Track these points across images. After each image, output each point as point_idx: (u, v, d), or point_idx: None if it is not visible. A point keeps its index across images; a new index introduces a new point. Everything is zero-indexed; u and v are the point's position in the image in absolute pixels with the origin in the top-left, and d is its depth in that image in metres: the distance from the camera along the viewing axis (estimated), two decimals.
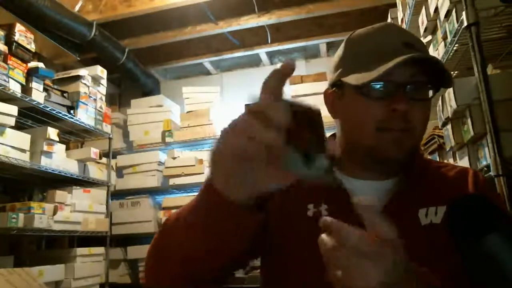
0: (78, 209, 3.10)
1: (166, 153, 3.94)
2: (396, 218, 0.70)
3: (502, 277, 0.49)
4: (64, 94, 3.01)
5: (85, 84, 3.17)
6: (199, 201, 0.56)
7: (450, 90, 1.59)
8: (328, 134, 0.75)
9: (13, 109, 2.47)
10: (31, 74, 2.60)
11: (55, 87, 2.94)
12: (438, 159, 1.98)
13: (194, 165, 3.74)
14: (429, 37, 1.96)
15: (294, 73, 0.46)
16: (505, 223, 0.52)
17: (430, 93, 0.75)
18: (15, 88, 2.48)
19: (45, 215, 2.68)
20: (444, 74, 0.72)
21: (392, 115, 0.71)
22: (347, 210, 0.53)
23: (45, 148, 2.75)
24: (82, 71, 3.18)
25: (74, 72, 3.16)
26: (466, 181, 0.77)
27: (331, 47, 4.12)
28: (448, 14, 1.64)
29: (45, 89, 2.75)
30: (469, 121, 1.50)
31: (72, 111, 3.03)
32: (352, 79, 0.73)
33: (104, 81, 3.44)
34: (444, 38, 1.74)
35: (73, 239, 3.45)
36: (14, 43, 2.51)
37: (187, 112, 4.00)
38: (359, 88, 0.72)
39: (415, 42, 0.74)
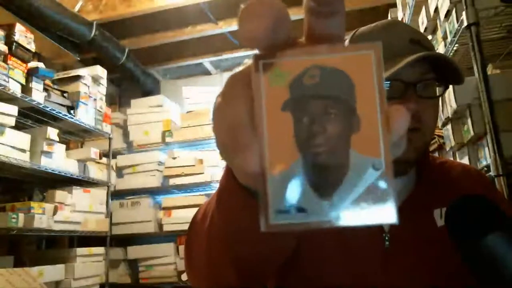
0: (78, 209, 3.10)
1: (166, 153, 3.94)
2: (412, 219, 0.67)
3: (503, 278, 0.49)
4: (64, 94, 3.01)
5: (85, 84, 3.17)
6: (220, 191, 0.46)
7: (450, 90, 1.59)
8: None
9: (13, 109, 2.47)
10: (31, 74, 2.60)
11: (55, 87, 2.93)
12: None
13: (194, 165, 3.73)
14: (429, 37, 1.96)
15: None
16: (506, 223, 0.52)
17: (439, 90, 0.74)
18: (15, 88, 2.48)
19: (45, 215, 2.68)
20: (455, 71, 0.71)
21: None
22: None
23: (45, 148, 2.75)
24: (82, 71, 3.18)
25: (74, 72, 3.16)
26: (476, 182, 0.78)
27: None
28: (448, 14, 1.64)
29: (45, 89, 2.75)
30: (469, 121, 1.50)
31: (72, 111, 3.03)
32: None
33: (104, 81, 3.44)
34: (444, 38, 1.74)
35: (73, 239, 3.45)
36: (14, 43, 2.51)
37: (187, 112, 4.00)
38: None
39: (421, 39, 0.73)
